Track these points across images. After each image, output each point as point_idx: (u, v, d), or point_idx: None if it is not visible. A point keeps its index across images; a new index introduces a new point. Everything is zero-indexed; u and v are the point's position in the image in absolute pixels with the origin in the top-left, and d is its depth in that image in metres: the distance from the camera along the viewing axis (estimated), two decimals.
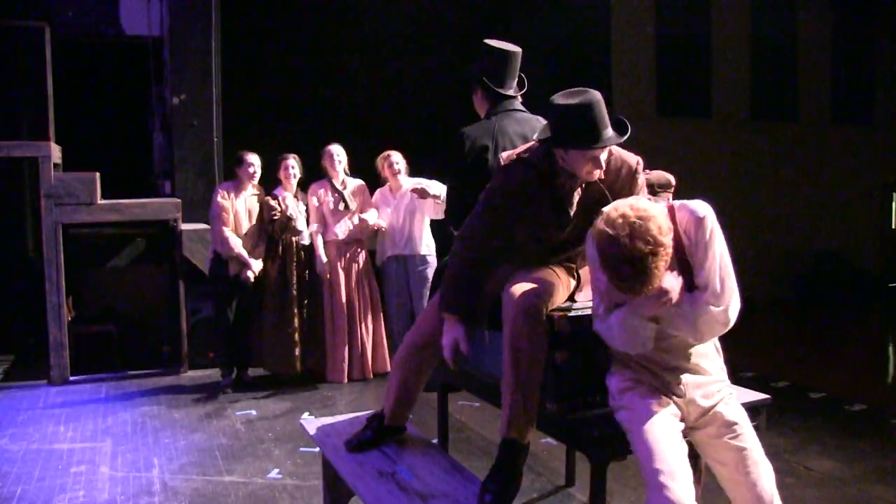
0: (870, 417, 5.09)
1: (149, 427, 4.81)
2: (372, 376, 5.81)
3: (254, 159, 5.65)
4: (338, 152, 5.80)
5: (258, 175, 5.68)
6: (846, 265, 11.30)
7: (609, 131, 2.33)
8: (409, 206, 5.74)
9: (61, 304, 5.81)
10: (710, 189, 10.09)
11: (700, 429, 2.27)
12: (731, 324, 2.21)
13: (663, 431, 2.16)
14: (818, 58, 11.41)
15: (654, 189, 3.49)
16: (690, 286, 2.19)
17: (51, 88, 5.97)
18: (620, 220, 2.04)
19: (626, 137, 2.35)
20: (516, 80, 3.07)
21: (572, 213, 2.48)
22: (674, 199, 3.53)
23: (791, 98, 11.37)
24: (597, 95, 2.32)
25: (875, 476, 3.97)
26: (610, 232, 2.04)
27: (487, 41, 3.03)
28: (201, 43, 6.61)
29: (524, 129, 2.94)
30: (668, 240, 2.04)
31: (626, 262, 2.01)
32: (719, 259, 2.17)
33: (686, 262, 2.19)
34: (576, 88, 2.37)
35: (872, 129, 11.99)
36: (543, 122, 2.99)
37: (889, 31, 11.84)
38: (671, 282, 2.13)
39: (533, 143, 2.51)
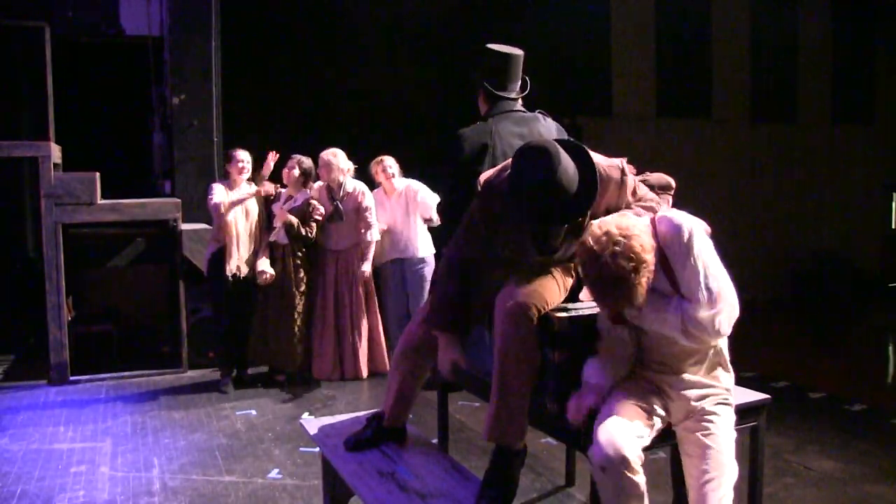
0: (870, 417, 5.09)
1: (149, 427, 4.80)
2: (364, 376, 5.80)
3: (243, 155, 5.64)
4: (332, 161, 5.72)
5: (248, 171, 5.67)
6: (846, 265, 11.30)
7: (571, 193, 2.19)
8: (403, 209, 5.84)
9: (61, 304, 5.81)
10: (711, 189, 10.17)
11: (682, 423, 2.31)
12: (724, 331, 2.21)
13: (622, 403, 2.22)
14: (818, 58, 11.41)
15: (655, 191, 3.48)
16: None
17: (51, 88, 5.96)
18: (604, 238, 2.07)
19: (589, 208, 2.24)
20: (518, 82, 3.08)
21: (558, 241, 2.44)
22: (673, 201, 3.54)
23: (791, 98, 11.37)
24: (558, 166, 2.16)
25: (875, 476, 3.97)
26: (594, 250, 2.07)
27: (489, 45, 3.05)
28: (201, 43, 6.61)
29: (522, 129, 2.94)
30: (650, 256, 2.07)
31: (610, 280, 2.05)
32: (702, 268, 2.17)
33: (672, 271, 2.20)
34: (536, 147, 2.21)
35: (872, 129, 11.99)
36: (542, 119, 3.01)
37: (889, 31, 11.84)
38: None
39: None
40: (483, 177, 2.51)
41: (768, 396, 2.78)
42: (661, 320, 2.20)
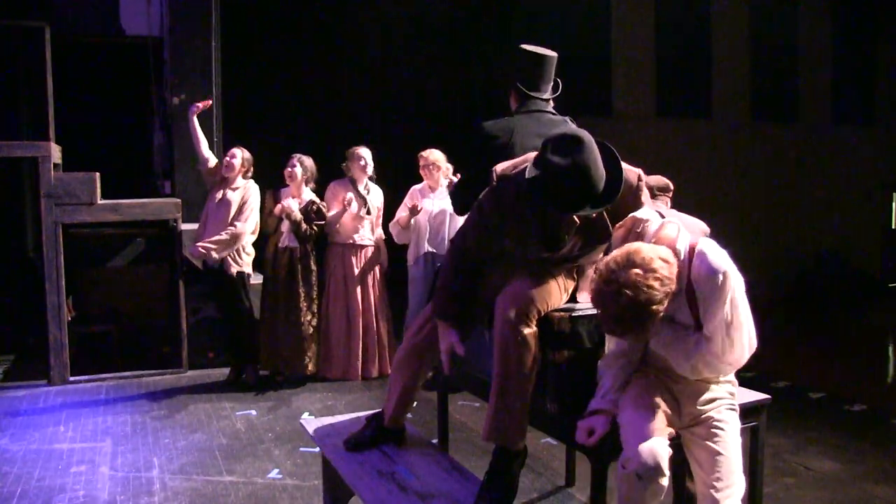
0: (870, 417, 5.10)
1: (149, 427, 4.80)
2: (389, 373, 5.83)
3: (234, 152, 5.67)
4: (365, 155, 5.83)
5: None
6: (847, 265, 11.31)
7: (599, 188, 2.23)
8: (444, 204, 5.71)
9: (61, 304, 5.81)
10: (711, 189, 10.16)
11: (689, 427, 2.30)
12: (728, 373, 2.24)
13: (648, 407, 2.19)
14: (818, 58, 11.42)
15: (653, 192, 3.48)
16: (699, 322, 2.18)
17: (51, 88, 5.96)
18: (625, 269, 2.01)
19: (612, 202, 2.27)
20: (551, 84, 3.09)
21: (568, 238, 2.44)
22: (672, 202, 3.53)
23: (791, 98, 11.38)
24: (591, 155, 2.21)
25: (875, 476, 3.97)
26: (613, 289, 2.00)
27: (523, 45, 3.06)
28: (201, 43, 6.60)
29: (544, 130, 2.91)
30: (663, 293, 2.02)
31: (620, 312, 2.01)
32: (729, 316, 2.11)
33: (696, 305, 2.16)
34: (572, 134, 2.26)
35: (872, 129, 12.00)
36: (570, 124, 2.99)
37: (889, 32, 11.84)
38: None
39: (530, 158, 2.41)
40: (499, 167, 2.52)
41: (768, 396, 2.78)
42: (674, 356, 2.20)
